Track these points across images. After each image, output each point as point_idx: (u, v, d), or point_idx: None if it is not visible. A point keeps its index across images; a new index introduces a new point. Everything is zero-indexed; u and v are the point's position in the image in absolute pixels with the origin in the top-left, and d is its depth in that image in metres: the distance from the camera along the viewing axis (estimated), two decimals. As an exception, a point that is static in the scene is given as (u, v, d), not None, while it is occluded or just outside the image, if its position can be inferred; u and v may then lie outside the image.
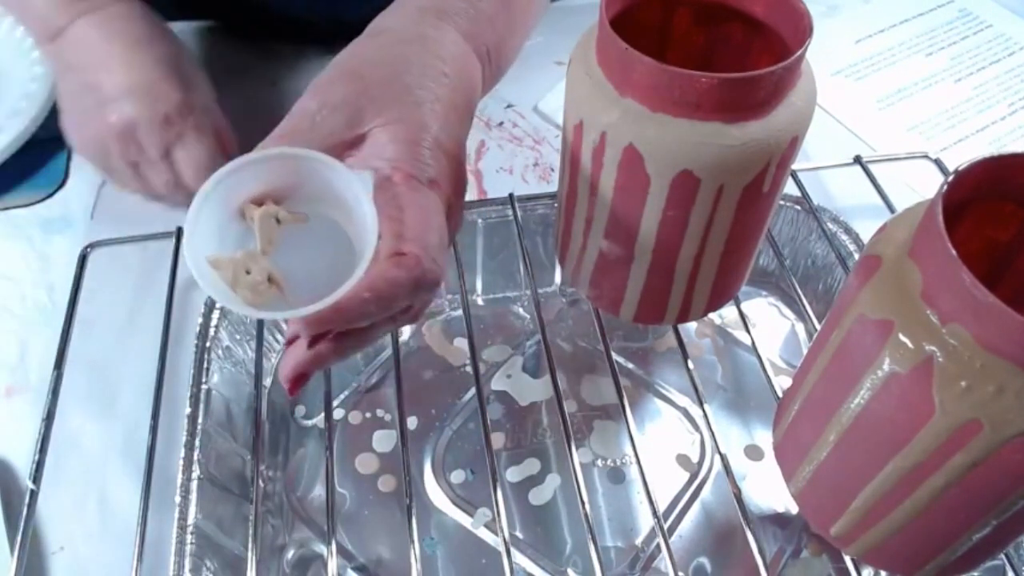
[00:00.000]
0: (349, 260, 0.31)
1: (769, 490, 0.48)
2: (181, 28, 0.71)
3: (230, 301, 0.29)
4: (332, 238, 0.33)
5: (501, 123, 0.63)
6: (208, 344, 0.47)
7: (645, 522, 0.46)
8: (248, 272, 0.30)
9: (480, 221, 0.54)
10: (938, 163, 0.58)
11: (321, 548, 0.45)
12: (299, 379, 0.32)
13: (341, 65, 0.36)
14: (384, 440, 0.49)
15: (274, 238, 0.32)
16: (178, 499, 0.41)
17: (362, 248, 0.30)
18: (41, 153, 0.60)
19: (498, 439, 0.49)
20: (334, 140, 0.34)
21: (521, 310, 0.56)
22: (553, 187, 0.59)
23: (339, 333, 0.32)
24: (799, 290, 0.48)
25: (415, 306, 0.34)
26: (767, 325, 0.56)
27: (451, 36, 0.38)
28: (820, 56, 0.71)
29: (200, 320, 0.48)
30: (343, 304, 0.30)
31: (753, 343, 0.44)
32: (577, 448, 0.43)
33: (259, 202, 0.32)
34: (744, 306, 0.46)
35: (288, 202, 0.32)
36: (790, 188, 0.53)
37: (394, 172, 0.33)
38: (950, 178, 0.27)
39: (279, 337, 0.52)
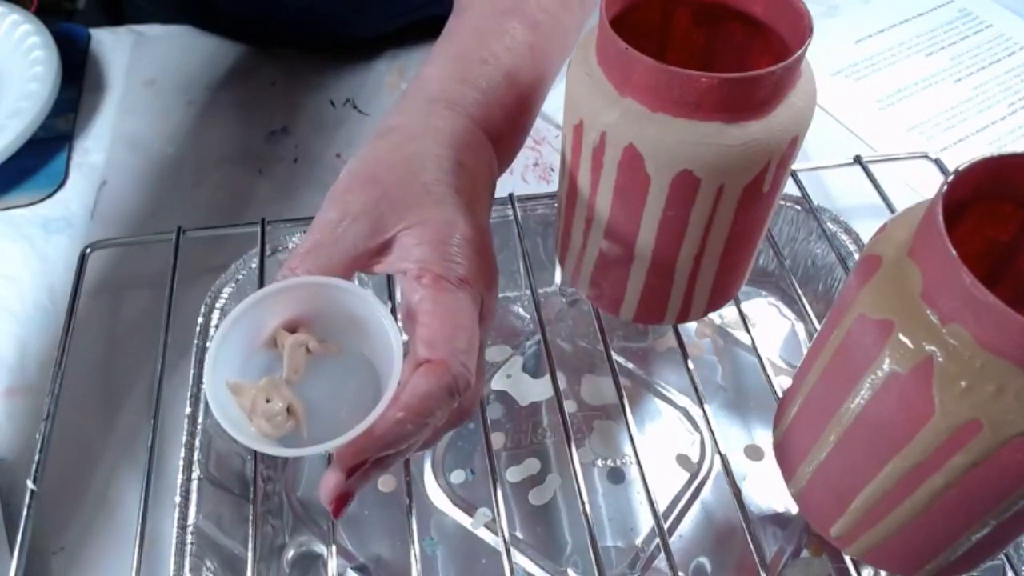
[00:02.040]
0: (373, 390, 0.31)
1: (769, 490, 0.48)
2: (182, 30, 0.71)
3: (241, 433, 0.29)
4: (356, 367, 0.33)
5: (501, 123, 0.63)
6: (208, 344, 0.47)
7: (645, 522, 0.46)
8: (268, 400, 0.30)
9: (480, 221, 0.54)
10: (938, 163, 0.58)
11: (321, 548, 0.45)
12: (342, 500, 0.31)
13: (356, 171, 0.35)
14: (384, 440, 0.49)
15: (300, 367, 0.32)
16: (178, 499, 0.41)
17: (387, 380, 0.30)
18: (41, 153, 0.60)
19: (498, 439, 0.49)
20: (358, 251, 0.33)
21: (521, 310, 0.56)
22: (553, 187, 0.59)
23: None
24: (799, 290, 0.48)
25: (461, 406, 0.33)
26: (767, 325, 0.56)
27: (462, 124, 0.37)
28: (820, 56, 0.71)
29: (200, 320, 0.48)
30: (377, 431, 0.29)
31: (753, 343, 0.44)
32: (577, 448, 0.43)
33: (291, 328, 0.32)
34: (744, 306, 0.46)
35: (312, 327, 0.32)
36: (790, 188, 0.53)
37: (423, 274, 0.32)
38: (950, 178, 0.27)
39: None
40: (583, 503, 0.38)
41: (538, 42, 0.40)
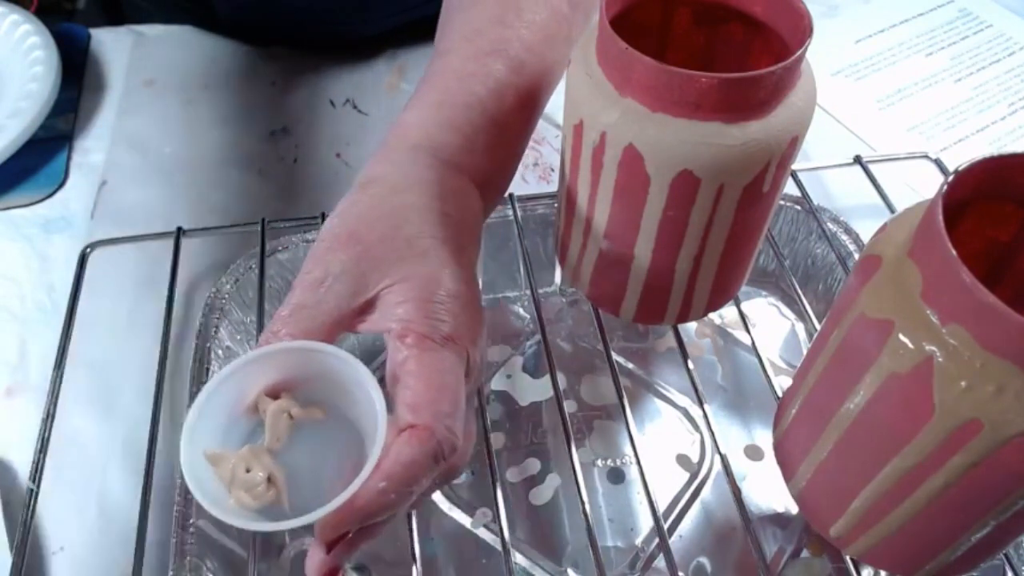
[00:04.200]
0: (357, 455, 0.30)
1: (769, 490, 0.48)
2: (182, 30, 0.71)
3: (217, 507, 0.28)
4: (340, 432, 0.32)
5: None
6: (208, 344, 0.47)
7: (645, 522, 0.46)
8: (248, 470, 0.29)
9: (480, 221, 0.54)
10: (938, 163, 0.58)
11: (321, 548, 0.45)
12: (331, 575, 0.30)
13: (336, 230, 0.33)
14: (384, 440, 0.49)
15: (283, 434, 0.31)
16: (178, 499, 0.41)
17: (371, 445, 0.29)
18: (41, 153, 0.60)
19: (498, 439, 0.49)
20: (341, 312, 0.32)
21: (521, 310, 0.56)
22: (553, 187, 0.59)
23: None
24: (799, 290, 0.48)
25: (449, 467, 0.31)
26: (767, 325, 0.56)
27: (448, 173, 0.36)
28: (820, 56, 0.71)
29: (200, 320, 0.48)
30: (359, 501, 0.28)
31: (753, 343, 0.44)
32: (577, 448, 0.43)
33: (274, 394, 0.31)
34: (744, 306, 0.46)
35: (296, 392, 0.32)
36: (790, 188, 0.53)
37: (406, 333, 0.31)
38: (950, 178, 0.27)
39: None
40: (583, 503, 0.38)
41: (523, 83, 0.39)
